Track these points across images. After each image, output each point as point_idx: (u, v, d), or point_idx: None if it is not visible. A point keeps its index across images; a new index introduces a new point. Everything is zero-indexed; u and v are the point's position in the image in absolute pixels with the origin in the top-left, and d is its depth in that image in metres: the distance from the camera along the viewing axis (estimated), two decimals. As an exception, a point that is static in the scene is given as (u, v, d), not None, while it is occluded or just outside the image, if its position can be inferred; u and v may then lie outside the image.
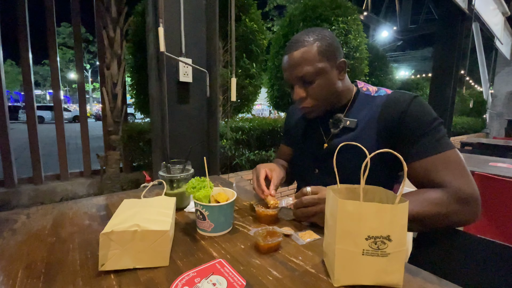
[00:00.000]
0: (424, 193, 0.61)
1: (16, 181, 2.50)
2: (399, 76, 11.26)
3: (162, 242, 0.50)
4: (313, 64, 0.72)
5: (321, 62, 0.72)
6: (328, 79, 0.74)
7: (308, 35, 0.74)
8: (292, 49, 0.74)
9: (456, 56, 5.20)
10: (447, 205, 0.58)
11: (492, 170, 1.71)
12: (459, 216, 0.58)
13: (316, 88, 0.74)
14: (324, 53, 0.72)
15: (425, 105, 0.68)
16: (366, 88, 0.81)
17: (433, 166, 0.62)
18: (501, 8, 7.00)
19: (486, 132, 8.50)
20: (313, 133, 0.87)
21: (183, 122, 1.71)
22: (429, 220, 0.58)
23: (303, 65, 0.72)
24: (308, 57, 0.72)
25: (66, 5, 2.62)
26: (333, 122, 0.79)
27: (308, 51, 0.72)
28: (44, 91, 32.43)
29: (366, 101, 0.77)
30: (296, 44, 0.73)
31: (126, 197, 0.70)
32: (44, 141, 2.83)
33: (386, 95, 0.74)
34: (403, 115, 0.67)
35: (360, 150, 0.48)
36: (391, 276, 0.45)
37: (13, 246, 0.57)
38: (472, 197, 0.58)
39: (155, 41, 1.52)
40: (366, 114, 0.74)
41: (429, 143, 0.63)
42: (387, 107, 0.71)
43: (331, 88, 0.75)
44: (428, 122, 0.65)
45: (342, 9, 2.95)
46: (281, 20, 3.60)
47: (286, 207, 0.65)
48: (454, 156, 0.62)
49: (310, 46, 0.72)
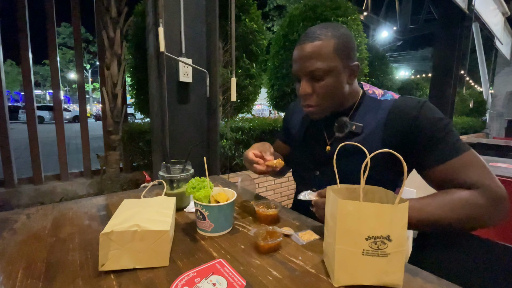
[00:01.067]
0: (452, 194, 0.59)
1: (16, 181, 2.50)
2: (399, 76, 11.26)
3: (162, 242, 0.50)
4: (326, 60, 0.68)
5: (334, 60, 0.68)
6: (337, 80, 0.70)
7: (326, 29, 0.69)
8: (307, 40, 0.69)
9: (456, 56, 5.20)
10: (479, 207, 0.56)
11: (492, 170, 1.70)
12: (490, 217, 0.56)
13: (324, 87, 0.71)
14: (339, 51, 0.68)
15: (435, 109, 0.67)
16: (372, 91, 0.78)
17: (455, 169, 0.61)
18: (501, 8, 7.00)
19: (486, 132, 8.50)
20: (315, 135, 0.85)
21: (183, 122, 1.71)
22: (459, 223, 0.56)
23: (316, 60, 0.68)
24: (323, 52, 0.67)
25: (66, 5, 2.62)
26: (338, 125, 0.76)
27: (323, 46, 0.67)
28: (44, 91, 32.44)
29: (372, 104, 0.75)
30: (312, 36, 0.69)
31: (126, 197, 0.70)
32: (44, 141, 2.83)
33: (393, 99, 0.72)
34: (415, 122, 0.65)
35: (364, 155, 0.47)
36: (391, 276, 0.45)
37: (13, 246, 0.57)
38: (502, 196, 0.57)
39: (155, 41, 1.52)
40: (372, 119, 0.72)
41: (447, 147, 0.62)
42: (395, 113, 0.69)
43: (339, 90, 0.72)
44: (442, 127, 0.63)
45: (342, 9, 2.95)
46: (281, 20, 3.60)
47: (303, 199, 0.64)
48: (473, 157, 0.61)
49: (327, 41, 0.68)
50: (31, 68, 2.47)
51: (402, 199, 0.45)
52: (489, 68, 10.57)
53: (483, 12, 5.89)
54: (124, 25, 2.68)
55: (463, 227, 0.57)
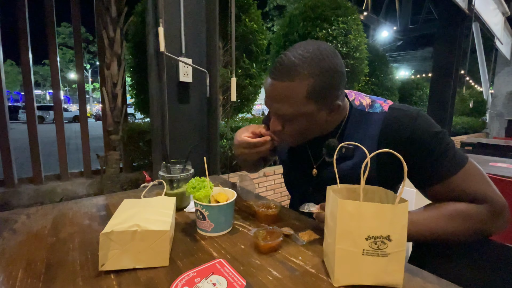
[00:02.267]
0: (453, 207, 0.58)
1: (16, 181, 2.50)
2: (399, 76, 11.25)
3: (162, 242, 0.50)
4: (296, 106, 0.59)
5: (307, 105, 0.59)
6: (311, 122, 0.62)
7: (304, 62, 0.57)
8: (278, 76, 0.58)
9: (456, 56, 5.20)
10: (482, 220, 0.56)
11: (492, 170, 1.71)
12: (492, 229, 0.57)
13: (295, 128, 0.63)
14: (315, 94, 0.58)
15: (429, 121, 0.62)
16: (359, 101, 0.70)
17: (456, 185, 0.59)
18: (501, 8, 7.00)
19: (486, 132, 8.50)
20: (300, 154, 0.78)
21: (183, 122, 1.71)
22: (460, 236, 0.56)
23: (283, 103, 0.59)
24: (292, 97, 0.58)
25: (66, 5, 2.62)
26: (327, 150, 0.69)
27: (294, 89, 0.57)
28: (44, 91, 32.44)
29: (361, 118, 0.67)
30: (284, 71, 0.58)
31: (126, 197, 0.70)
32: (44, 141, 2.83)
33: (383, 113, 0.65)
34: (409, 141, 0.61)
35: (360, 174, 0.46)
36: (391, 276, 0.45)
37: (13, 246, 0.57)
38: (505, 207, 0.57)
39: (155, 41, 1.52)
40: (363, 137, 0.66)
41: (447, 163, 0.59)
42: (387, 131, 0.63)
43: (314, 128, 0.65)
44: (438, 142, 0.60)
45: (342, 9, 2.95)
46: (281, 20, 3.60)
47: (305, 211, 0.62)
48: (472, 169, 0.60)
49: (299, 83, 0.57)
50: (31, 68, 2.47)
51: (402, 199, 0.45)
52: (489, 68, 10.57)
53: (483, 12, 5.89)
54: (124, 25, 2.68)
55: (466, 239, 0.57)
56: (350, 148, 0.66)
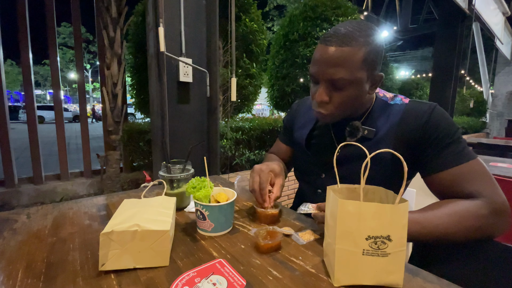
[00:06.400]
0: (453, 205, 0.58)
1: (16, 181, 2.50)
2: (399, 76, 11.25)
3: (162, 242, 0.50)
4: (353, 71, 0.61)
5: (361, 71, 0.62)
6: (359, 91, 0.65)
7: (360, 31, 0.61)
8: (336, 42, 0.61)
9: (456, 56, 5.20)
10: (481, 217, 0.55)
11: (492, 170, 1.71)
12: (493, 228, 0.56)
13: (344, 97, 0.65)
14: (368, 61, 0.62)
15: (446, 115, 0.65)
16: (383, 93, 0.75)
17: (459, 176, 0.60)
18: (501, 8, 6.99)
19: (486, 132, 8.49)
20: (322, 138, 0.82)
21: (183, 122, 1.71)
22: (461, 235, 0.56)
23: (341, 68, 0.61)
24: (351, 61, 0.60)
25: (66, 5, 2.62)
26: (350, 130, 0.72)
27: (353, 54, 0.60)
28: (44, 91, 32.45)
29: (384, 108, 0.72)
30: (342, 39, 0.60)
31: (126, 197, 0.70)
32: (44, 141, 2.83)
33: (404, 104, 0.70)
34: (425, 126, 0.64)
35: (374, 160, 0.46)
36: (391, 276, 0.45)
37: (13, 246, 0.57)
38: (505, 207, 0.57)
39: (155, 41, 1.52)
40: (384, 124, 0.70)
41: (453, 154, 0.61)
42: (406, 118, 0.67)
43: (358, 100, 0.68)
44: (451, 133, 0.62)
45: (342, 9, 2.95)
46: (281, 20, 3.60)
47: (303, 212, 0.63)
48: (478, 166, 0.60)
49: (357, 49, 0.60)
50: (31, 68, 2.47)
51: (402, 199, 0.45)
52: (490, 68, 10.56)
53: (484, 12, 5.88)
54: (124, 25, 2.69)
55: (467, 239, 0.57)
56: (371, 130, 0.70)
